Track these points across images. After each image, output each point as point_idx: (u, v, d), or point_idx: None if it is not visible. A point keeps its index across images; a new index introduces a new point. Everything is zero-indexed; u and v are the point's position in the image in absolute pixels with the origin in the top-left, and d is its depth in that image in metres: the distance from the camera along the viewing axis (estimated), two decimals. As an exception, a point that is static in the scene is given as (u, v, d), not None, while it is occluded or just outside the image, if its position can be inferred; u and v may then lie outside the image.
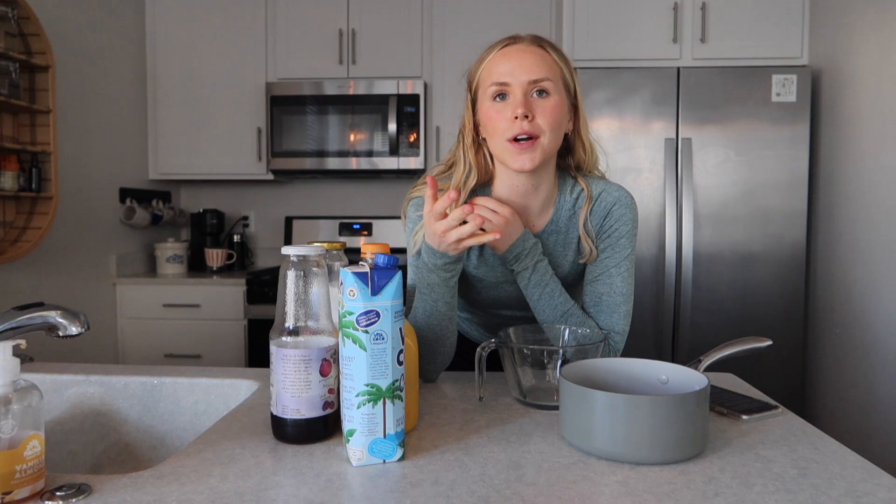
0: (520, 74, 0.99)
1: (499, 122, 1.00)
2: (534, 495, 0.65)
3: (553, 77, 1.00)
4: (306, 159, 2.98)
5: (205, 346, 2.82)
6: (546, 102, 0.99)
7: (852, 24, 2.32)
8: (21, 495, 0.63)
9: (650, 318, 2.54)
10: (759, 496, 0.65)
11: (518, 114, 0.97)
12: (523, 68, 0.99)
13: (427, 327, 1.03)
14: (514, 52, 1.01)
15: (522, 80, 0.99)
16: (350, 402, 0.74)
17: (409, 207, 1.13)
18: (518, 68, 0.99)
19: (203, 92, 3.08)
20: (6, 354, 0.64)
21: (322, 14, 3.01)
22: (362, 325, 0.72)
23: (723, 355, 0.96)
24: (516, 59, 1.00)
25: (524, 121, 0.97)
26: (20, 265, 2.31)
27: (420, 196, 1.11)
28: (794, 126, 2.49)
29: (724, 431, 0.84)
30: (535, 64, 0.99)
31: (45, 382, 1.07)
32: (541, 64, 1.00)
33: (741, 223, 2.51)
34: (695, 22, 2.61)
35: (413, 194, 1.14)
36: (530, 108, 0.98)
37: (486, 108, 1.02)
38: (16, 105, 2.17)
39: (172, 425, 1.06)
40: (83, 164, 2.64)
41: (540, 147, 0.99)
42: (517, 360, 0.96)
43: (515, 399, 0.98)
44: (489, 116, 1.02)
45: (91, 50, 2.70)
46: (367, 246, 0.82)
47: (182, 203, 3.44)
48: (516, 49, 1.01)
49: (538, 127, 0.99)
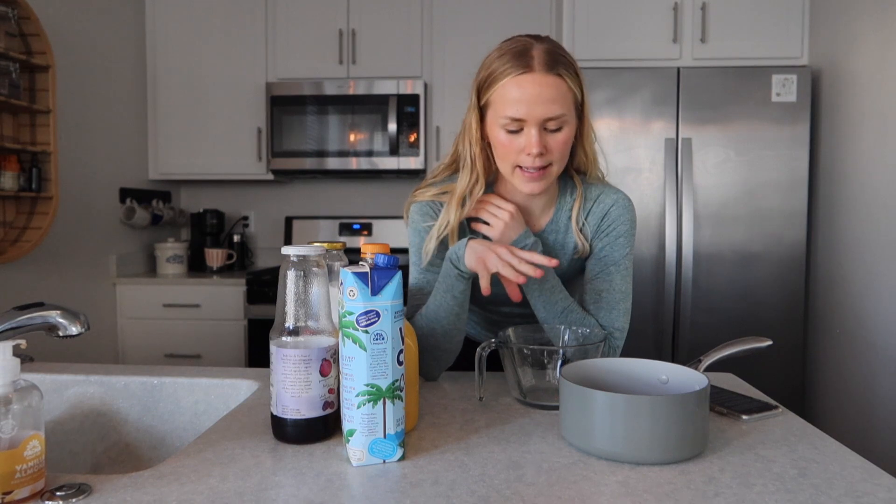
0: (535, 110, 0.97)
1: (510, 152, 1.02)
2: (534, 495, 0.65)
3: (567, 110, 1.00)
4: (306, 159, 2.98)
5: (205, 346, 2.82)
6: (559, 136, 1.01)
7: (852, 24, 2.32)
8: (21, 495, 0.63)
9: (650, 318, 2.54)
10: (759, 496, 0.65)
11: (533, 153, 0.99)
12: (540, 104, 0.97)
13: (436, 321, 1.04)
14: (529, 83, 0.97)
15: (538, 116, 0.98)
16: (350, 402, 0.74)
17: (413, 213, 1.14)
18: (534, 104, 0.97)
19: (203, 92, 3.08)
20: (6, 354, 0.64)
21: (322, 14, 3.01)
22: (362, 325, 0.72)
23: (723, 355, 0.96)
24: (533, 94, 0.97)
25: (538, 158, 1.00)
26: (20, 265, 2.31)
27: (425, 201, 1.12)
28: (794, 126, 2.49)
29: (724, 431, 0.84)
30: (552, 100, 0.98)
31: (45, 382, 1.07)
32: (556, 100, 0.98)
33: (741, 223, 2.51)
34: (695, 22, 2.61)
35: (417, 198, 1.14)
36: (545, 146, 0.99)
37: (497, 134, 1.03)
38: (16, 105, 2.17)
39: (172, 425, 1.06)
40: (83, 164, 2.64)
41: (548, 176, 1.03)
42: (517, 360, 0.96)
43: (515, 399, 0.98)
44: (501, 143, 1.03)
45: (91, 50, 2.70)
46: (367, 246, 0.82)
47: (182, 203, 3.44)
48: (532, 81, 0.97)
49: (549, 158, 1.01)
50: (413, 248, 1.15)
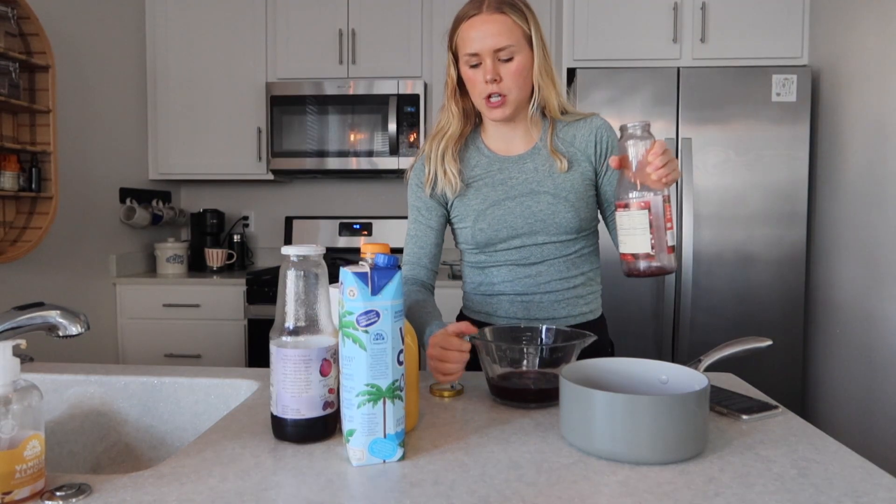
0: (485, 43, 1.15)
1: (476, 85, 1.20)
2: (534, 495, 0.65)
3: (514, 41, 1.16)
4: (306, 159, 2.98)
5: (205, 346, 2.82)
6: (510, 66, 1.17)
7: (852, 24, 2.32)
8: (21, 495, 0.63)
9: (650, 318, 2.54)
10: (759, 496, 0.65)
11: (487, 79, 1.16)
12: (488, 37, 1.15)
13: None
14: (478, 22, 1.16)
15: (488, 47, 1.15)
16: (350, 402, 0.74)
17: (412, 173, 1.33)
18: (486, 38, 1.15)
19: (203, 92, 3.08)
20: (6, 354, 0.64)
21: (322, 14, 3.01)
22: (362, 325, 0.72)
23: (723, 355, 0.97)
24: (482, 29, 1.16)
25: (493, 84, 1.17)
26: (20, 265, 2.31)
27: (420, 158, 1.32)
28: (794, 126, 2.48)
29: (724, 431, 0.84)
30: (498, 33, 1.15)
31: (45, 382, 1.07)
32: (503, 33, 1.15)
33: (741, 223, 2.51)
34: (695, 22, 2.61)
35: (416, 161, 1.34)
36: (497, 73, 1.17)
37: (465, 71, 1.21)
38: (16, 105, 2.17)
39: (172, 425, 1.06)
40: (83, 164, 2.64)
41: (509, 103, 1.19)
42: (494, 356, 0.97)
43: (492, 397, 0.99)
44: (468, 79, 1.21)
45: (91, 50, 2.70)
46: (367, 246, 0.82)
47: (182, 203, 3.44)
48: (480, 19, 1.16)
49: (505, 87, 1.18)
50: (409, 203, 1.34)
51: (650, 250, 0.93)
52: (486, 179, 1.26)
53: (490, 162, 1.27)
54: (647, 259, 0.93)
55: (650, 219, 0.93)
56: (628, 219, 0.94)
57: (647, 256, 0.93)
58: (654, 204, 0.93)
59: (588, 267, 1.28)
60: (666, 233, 0.93)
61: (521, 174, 1.24)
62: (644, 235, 0.93)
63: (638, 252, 0.94)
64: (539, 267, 1.24)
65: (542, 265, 1.24)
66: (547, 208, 1.21)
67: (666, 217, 0.94)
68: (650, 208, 0.93)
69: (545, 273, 1.24)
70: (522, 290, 1.25)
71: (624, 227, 0.96)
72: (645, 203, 0.93)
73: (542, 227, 1.22)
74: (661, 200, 0.93)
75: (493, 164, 1.26)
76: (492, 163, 1.26)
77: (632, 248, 0.95)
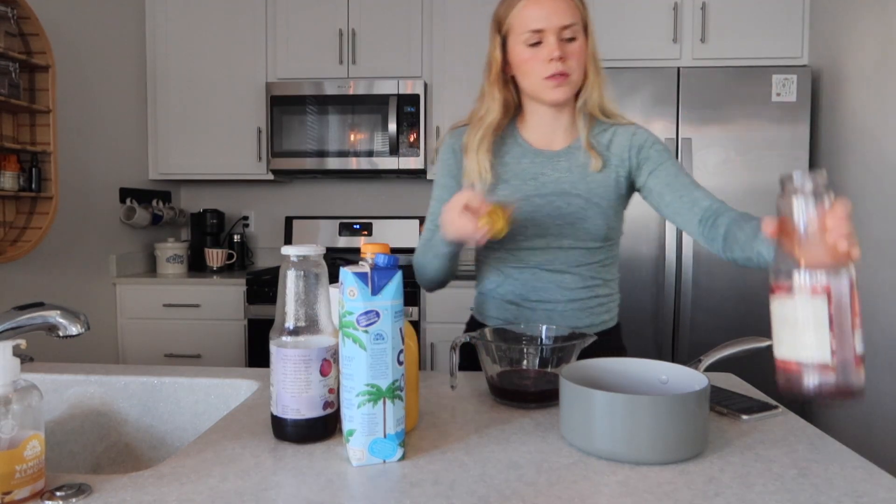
0: (552, 19, 1.12)
1: (535, 64, 1.14)
2: (534, 495, 0.65)
3: (578, 21, 1.14)
4: (306, 159, 2.98)
5: (205, 346, 2.82)
6: (574, 46, 1.14)
7: (852, 24, 2.32)
8: (21, 495, 0.63)
9: (650, 318, 2.54)
10: (759, 496, 0.65)
11: (555, 56, 1.12)
12: (555, 14, 1.12)
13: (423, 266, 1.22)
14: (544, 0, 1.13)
15: (555, 25, 1.12)
16: (350, 402, 0.74)
17: (443, 144, 1.28)
18: (551, 15, 1.12)
19: (203, 92, 3.08)
20: (6, 354, 0.64)
21: (322, 14, 3.01)
22: (362, 325, 0.72)
23: (723, 355, 0.96)
24: (548, 6, 1.12)
25: (558, 62, 1.12)
26: (20, 265, 2.31)
27: (457, 131, 1.26)
28: (794, 126, 2.49)
29: (724, 431, 0.84)
30: (565, 10, 1.13)
31: (45, 382, 1.07)
32: (568, 10, 1.13)
33: (741, 223, 2.51)
34: (695, 22, 2.61)
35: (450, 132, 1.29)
36: (563, 51, 1.13)
37: (520, 52, 1.15)
38: (16, 105, 2.17)
39: (172, 425, 1.06)
40: (83, 164, 2.64)
41: (570, 83, 1.15)
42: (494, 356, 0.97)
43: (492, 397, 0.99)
44: (524, 59, 1.15)
45: (91, 50, 2.70)
46: (367, 246, 0.82)
47: (182, 203, 3.44)
48: None
49: (569, 66, 1.14)
50: (436, 178, 1.29)
51: (828, 360, 0.65)
52: (518, 172, 1.21)
53: (524, 153, 1.22)
54: (823, 372, 0.65)
55: (830, 312, 0.64)
56: (792, 310, 0.66)
57: (823, 368, 0.65)
58: (837, 290, 0.64)
59: (610, 276, 1.25)
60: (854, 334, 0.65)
61: (554, 172, 1.20)
62: (819, 336, 0.65)
63: (807, 361, 0.66)
64: (565, 277, 1.20)
65: (566, 275, 1.20)
66: (577, 211, 1.18)
67: (853, 310, 0.65)
68: (830, 295, 0.64)
69: (570, 281, 1.20)
70: (545, 297, 1.21)
71: (785, 320, 0.68)
72: (823, 288, 0.64)
73: (570, 230, 1.18)
74: (847, 285, 0.65)
75: (526, 157, 1.22)
76: (525, 154, 1.22)
77: (796, 354, 0.67)
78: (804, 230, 0.67)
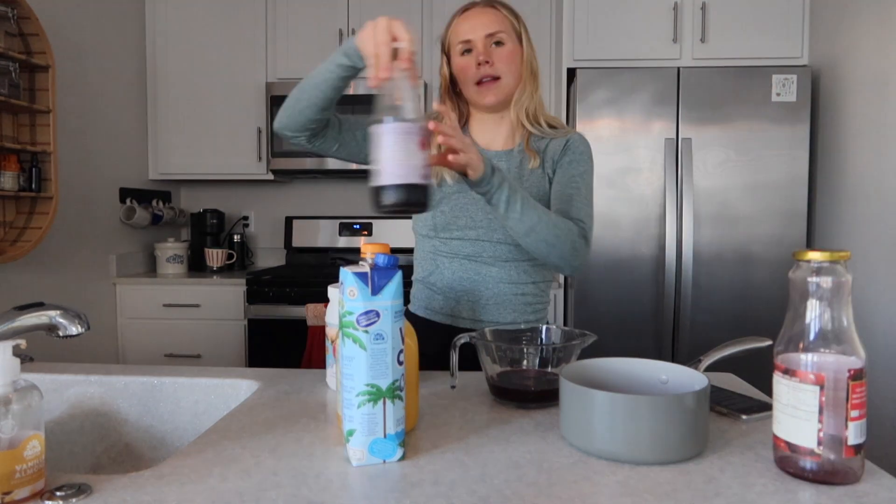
0: (478, 30, 1.23)
1: (468, 72, 1.24)
2: (534, 495, 0.65)
3: (505, 29, 1.24)
4: (306, 159, 2.98)
5: (205, 346, 2.82)
6: (502, 50, 1.23)
7: (852, 24, 2.32)
8: (21, 495, 0.63)
9: (650, 318, 2.54)
10: (759, 496, 0.65)
11: (480, 60, 1.22)
12: (483, 26, 1.23)
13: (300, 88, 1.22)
14: (471, 14, 1.25)
15: (480, 34, 1.23)
16: (350, 402, 0.74)
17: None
18: (477, 27, 1.23)
19: (203, 92, 3.08)
20: (6, 354, 0.64)
21: (322, 14, 3.01)
22: (362, 325, 0.72)
23: (723, 355, 0.96)
24: (475, 20, 1.24)
25: (485, 66, 1.22)
26: (20, 265, 2.31)
27: None
28: (794, 126, 2.49)
29: (724, 431, 0.84)
30: (490, 21, 1.23)
31: (45, 382, 1.07)
32: (494, 21, 1.23)
33: (741, 223, 2.51)
34: (695, 22, 2.61)
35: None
36: (489, 56, 1.22)
37: (456, 62, 1.26)
38: (16, 105, 2.17)
39: (172, 425, 1.06)
40: (83, 164, 2.64)
41: (501, 87, 1.23)
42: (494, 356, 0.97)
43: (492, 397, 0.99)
44: (460, 68, 1.26)
45: (91, 50, 2.70)
46: (367, 246, 0.82)
47: (182, 203, 3.44)
48: (473, 12, 1.26)
49: (498, 69, 1.23)
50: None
51: (814, 447, 0.67)
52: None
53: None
54: (811, 457, 0.67)
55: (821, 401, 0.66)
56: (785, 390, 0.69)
57: (810, 454, 0.67)
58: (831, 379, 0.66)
59: (540, 278, 1.30)
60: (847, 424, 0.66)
61: None
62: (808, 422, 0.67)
63: (795, 444, 0.68)
64: (491, 269, 1.25)
65: (493, 268, 1.25)
66: None
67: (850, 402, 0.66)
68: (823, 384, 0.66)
69: (498, 275, 1.26)
70: (471, 288, 1.26)
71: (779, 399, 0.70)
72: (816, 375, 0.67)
73: (500, 224, 1.23)
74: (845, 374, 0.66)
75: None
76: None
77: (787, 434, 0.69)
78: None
